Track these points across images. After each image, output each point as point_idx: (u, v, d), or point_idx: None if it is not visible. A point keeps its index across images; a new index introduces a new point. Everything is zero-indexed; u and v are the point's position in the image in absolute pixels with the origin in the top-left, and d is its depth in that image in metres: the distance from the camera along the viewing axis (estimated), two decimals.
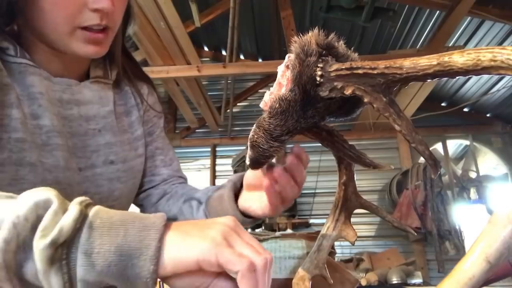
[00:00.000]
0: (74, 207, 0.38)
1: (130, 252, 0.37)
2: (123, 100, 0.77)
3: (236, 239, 0.41)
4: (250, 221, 0.67)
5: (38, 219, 0.36)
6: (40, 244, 0.35)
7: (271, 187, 0.57)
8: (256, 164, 0.53)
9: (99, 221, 0.38)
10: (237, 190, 0.67)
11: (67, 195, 0.62)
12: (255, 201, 0.63)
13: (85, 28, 0.60)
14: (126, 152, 0.72)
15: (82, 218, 0.38)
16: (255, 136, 0.50)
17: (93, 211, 0.39)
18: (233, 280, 0.40)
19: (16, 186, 0.56)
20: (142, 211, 0.83)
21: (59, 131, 0.62)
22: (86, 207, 0.39)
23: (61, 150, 0.62)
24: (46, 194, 0.38)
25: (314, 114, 0.50)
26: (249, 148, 0.52)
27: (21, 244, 0.36)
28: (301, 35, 0.47)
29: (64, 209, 0.38)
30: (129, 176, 0.72)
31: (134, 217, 0.40)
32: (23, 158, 0.57)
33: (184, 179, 0.86)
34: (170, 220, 0.80)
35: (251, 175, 0.63)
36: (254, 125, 0.51)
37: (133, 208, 0.78)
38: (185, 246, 0.39)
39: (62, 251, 0.36)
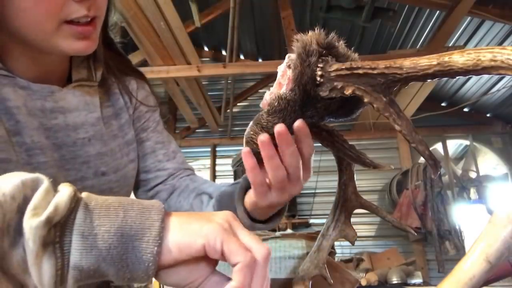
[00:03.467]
0: (65, 187, 0.36)
1: (132, 233, 0.35)
2: (111, 102, 0.71)
3: (239, 228, 0.40)
4: (260, 226, 0.61)
5: (25, 200, 0.34)
6: (33, 222, 0.32)
7: (255, 167, 0.52)
8: None
9: (94, 203, 0.36)
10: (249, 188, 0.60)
11: None
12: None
13: (71, 22, 0.54)
14: (118, 161, 0.68)
15: (76, 198, 0.35)
16: (251, 132, 0.50)
17: (85, 194, 0.37)
18: (225, 277, 0.39)
19: None
20: None
21: (41, 147, 0.57)
22: (75, 191, 0.36)
23: (45, 168, 0.57)
24: (33, 174, 0.35)
25: (313, 114, 0.50)
26: (244, 144, 0.52)
27: (6, 227, 0.33)
28: (302, 34, 0.47)
29: (54, 189, 0.35)
30: (122, 185, 0.68)
31: (131, 200, 0.38)
32: None
33: (191, 171, 0.81)
34: None
35: None
36: (251, 122, 0.51)
37: None
38: (190, 230, 0.37)
39: (55, 233, 0.33)
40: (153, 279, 0.37)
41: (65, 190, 0.35)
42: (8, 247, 0.33)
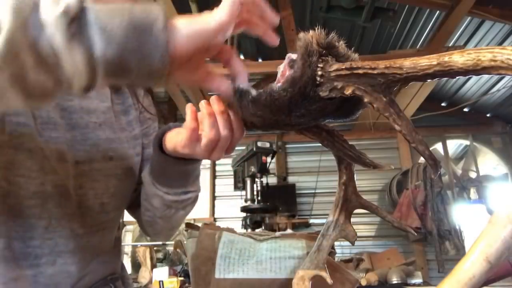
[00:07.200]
0: None
1: (142, 27, 0.38)
2: (121, 100, 0.76)
3: None
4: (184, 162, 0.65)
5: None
6: (55, 11, 0.34)
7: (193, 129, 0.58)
8: None
9: (99, 7, 0.38)
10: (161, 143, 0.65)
11: (63, 188, 0.61)
12: (175, 137, 0.63)
13: None
14: (125, 150, 0.71)
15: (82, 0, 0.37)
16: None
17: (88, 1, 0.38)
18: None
19: (12, 171, 0.56)
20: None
21: (54, 123, 0.61)
22: None
23: (55, 143, 0.60)
24: None
25: (303, 114, 0.49)
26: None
27: (29, 19, 0.34)
28: (304, 34, 0.47)
29: None
30: (127, 174, 0.71)
31: (129, 5, 0.40)
32: (22, 143, 0.56)
33: None
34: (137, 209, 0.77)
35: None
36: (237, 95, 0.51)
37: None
38: (198, 20, 0.43)
39: (76, 27, 0.35)
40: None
41: None
42: (37, 36, 0.34)
